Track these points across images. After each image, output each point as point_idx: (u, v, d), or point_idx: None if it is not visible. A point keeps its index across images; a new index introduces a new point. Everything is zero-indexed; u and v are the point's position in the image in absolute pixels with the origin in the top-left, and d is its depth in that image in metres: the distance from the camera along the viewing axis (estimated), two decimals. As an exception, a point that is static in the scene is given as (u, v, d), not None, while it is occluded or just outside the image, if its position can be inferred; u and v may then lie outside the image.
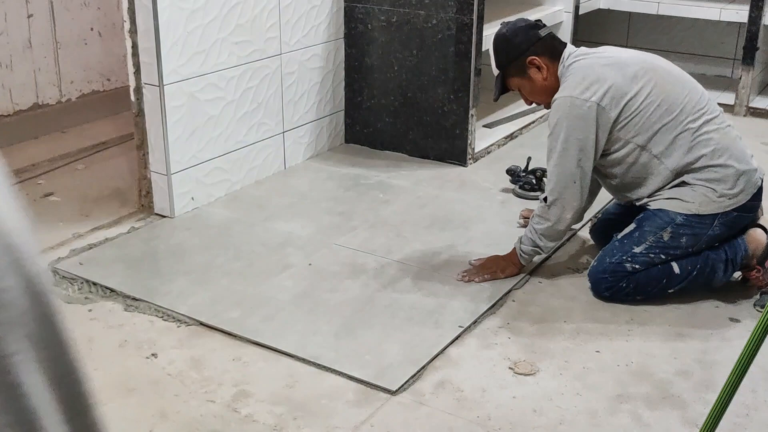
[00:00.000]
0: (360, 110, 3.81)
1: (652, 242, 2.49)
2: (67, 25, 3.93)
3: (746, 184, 2.48)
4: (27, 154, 3.69)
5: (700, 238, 2.49)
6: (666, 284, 2.53)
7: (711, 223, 2.48)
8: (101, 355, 2.28)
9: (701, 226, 2.48)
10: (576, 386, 2.18)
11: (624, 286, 2.52)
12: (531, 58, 2.55)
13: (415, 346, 2.33)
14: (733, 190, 2.46)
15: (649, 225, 2.50)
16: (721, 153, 2.47)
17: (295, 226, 3.05)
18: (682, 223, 2.47)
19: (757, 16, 4.24)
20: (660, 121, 2.46)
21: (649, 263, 2.50)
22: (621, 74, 2.47)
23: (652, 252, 2.49)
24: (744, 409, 2.08)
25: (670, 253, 2.49)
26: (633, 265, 2.50)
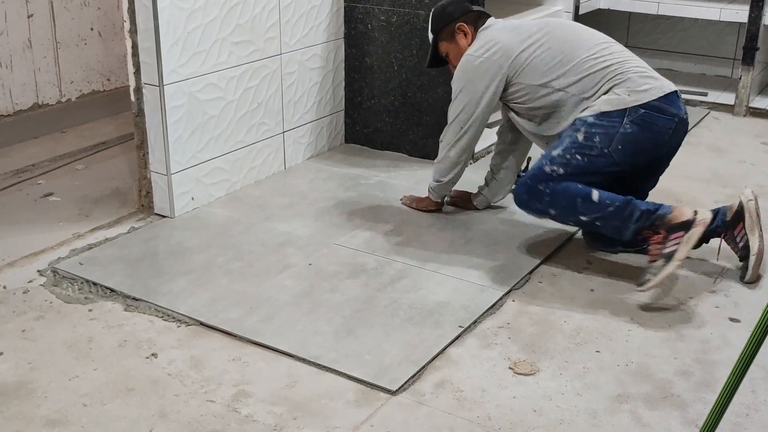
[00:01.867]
0: (360, 110, 3.80)
1: (567, 144, 2.63)
2: (67, 25, 3.93)
3: (651, 86, 2.63)
4: (27, 154, 3.69)
5: (613, 136, 2.60)
6: (581, 206, 2.62)
7: (620, 120, 2.60)
8: (101, 355, 2.28)
9: (611, 124, 2.60)
10: (576, 386, 2.18)
11: (541, 190, 2.65)
12: (460, 24, 2.90)
13: (415, 346, 2.33)
14: (636, 89, 2.62)
15: (566, 132, 2.68)
16: (621, 70, 2.67)
17: (295, 226, 3.05)
18: (592, 122, 2.62)
19: (757, 16, 4.24)
20: (553, 59, 2.72)
21: (566, 164, 2.62)
22: (514, 35, 2.80)
23: (568, 153, 2.62)
24: (744, 409, 2.08)
25: (586, 153, 2.61)
26: (551, 167, 2.64)
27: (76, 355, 2.28)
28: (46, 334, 2.37)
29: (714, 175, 3.58)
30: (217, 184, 3.24)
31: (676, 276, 2.73)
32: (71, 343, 2.33)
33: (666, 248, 2.54)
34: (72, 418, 2.04)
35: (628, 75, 2.65)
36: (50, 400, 2.10)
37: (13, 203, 3.25)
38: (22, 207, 3.21)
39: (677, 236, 2.54)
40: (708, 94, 4.55)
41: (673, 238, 2.54)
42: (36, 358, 2.27)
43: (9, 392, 2.13)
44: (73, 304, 2.53)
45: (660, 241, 2.57)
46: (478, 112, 2.85)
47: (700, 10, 4.45)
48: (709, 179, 3.52)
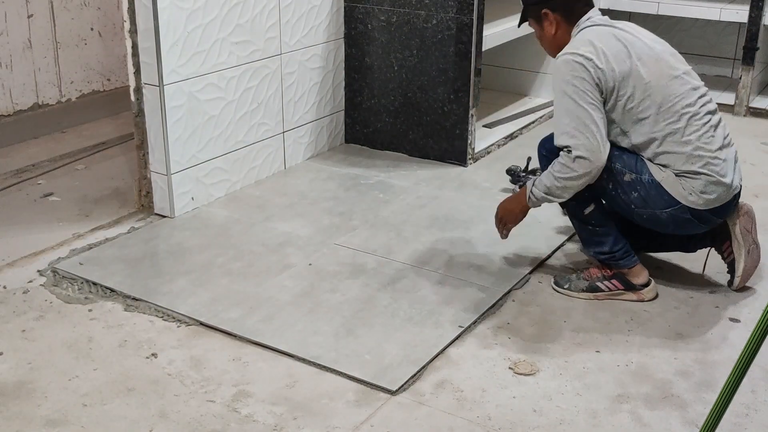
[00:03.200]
0: (360, 110, 3.80)
1: (612, 168, 2.46)
2: (67, 25, 3.93)
3: (716, 196, 2.43)
4: (27, 154, 3.69)
5: (646, 207, 2.47)
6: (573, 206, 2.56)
7: (665, 205, 2.45)
8: (101, 355, 2.28)
9: (657, 199, 2.45)
10: (576, 386, 2.18)
11: None
12: (544, 11, 2.54)
13: (415, 346, 2.33)
14: (701, 193, 2.42)
15: (626, 159, 2.47)
16: (701, 162, 2.42)
17: (295, 226, 3.05)
18: (644, 182, 2.45)
19: (757, 16, 4.24)
20: (645, 112, 2.42)
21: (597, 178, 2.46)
22: (624, 49, 2.43)
23: (605, 172, 2.45)
24: (744, 409, 2.08)
25: (614, 192, 2.49)
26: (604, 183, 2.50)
27: (76, 355, 2.28)
28: (46, 334, 2.37)
29: (714, 175, 3.57)
30: (217, 184, 3.24)
31: (675, 277, 2.73)
32: (71, 343, 2.33)
33: (599, 282, 2.60)
34: (72, 418, 2.04)
35: (704, 169, 2.41)
36: (50, 400, 2.10)
37: (13, 203, 3.25)
38: (22, 207, 3.21)
39: (616, 286, 2.59)
40: (708, 94, 4.54)
41: (613, 283, 2.59)
42: (36, 358, 2.27)
43: (9, 392, 2.13)
44: (73, 304, 2.53)
45: (603, 274, 2.60)
46: (597, 109, 2.43)
47: (700, 10, 4.45)
48: (709, 179, 3.52)
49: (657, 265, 2.80)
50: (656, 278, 2.71)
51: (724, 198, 2.45)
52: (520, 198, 2.60)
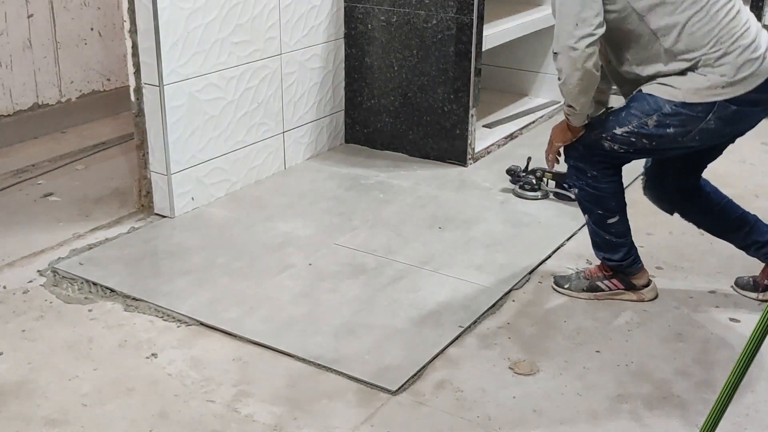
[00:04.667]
0: (360, 110, 3.80)
1: (635, 126, 2.31)
2: (67, 25, 3.93)
3: (752, 72, 2.21)
4: (27, 154, 3.69)
5: (692, 129, 2.27)
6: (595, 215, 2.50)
7: (705, 115, 2.24)
8: (101, 355, 2.28)
9: (693, 116, 2.25)
10: (576, 386, 2.18)
11: (585, 169, 2.44)
12: None
13: (415, 346, 2.33)
14: (733, 77, 2.21)
15: (636, 108, 2.32)
16: (724, 39, 2.22)
17: (295, 226, 3.05)
18: (669, 112, 2.26)
19: (756, 16, 4.24)
20: None
21: (628, 145, 2.35)
22: None
23: (633, 136, 2.33)
24: (744, 409, 2.08)
25: (655, 139, 2.31)
26: (612, 144, 2.37)
27: (76, 355, 2.28)
28: (46, 334, 2.37)
29: (714, 175, 3.57)
30: (217, 184, 3.24)
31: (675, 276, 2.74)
32: (71, 343, 2.33)
33: (600, 281, 2.60)
34: (72, 418, 2.04)
35: (731, 48, 2.21)
36: (50, 400, 2.10)
37: (13, 203, 3.25)
38: (22, 207, 3.21)
39: (617, 285, 2.59)
40: (708, 94, 4.54)
41: (613, 283, 2.59)
42: (36, 358, 2.27)
43: (9, 392, 2.13)
44: (73, 304, 2.53)
45: (604, 273, 2.59)
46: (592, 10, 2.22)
47: (700, 10, 4.44)
48: (709, 179, 3.51)
49: (657, 265, 2.80)
50: (656, 278, 2.71)
51: (761, 73, 2.23)
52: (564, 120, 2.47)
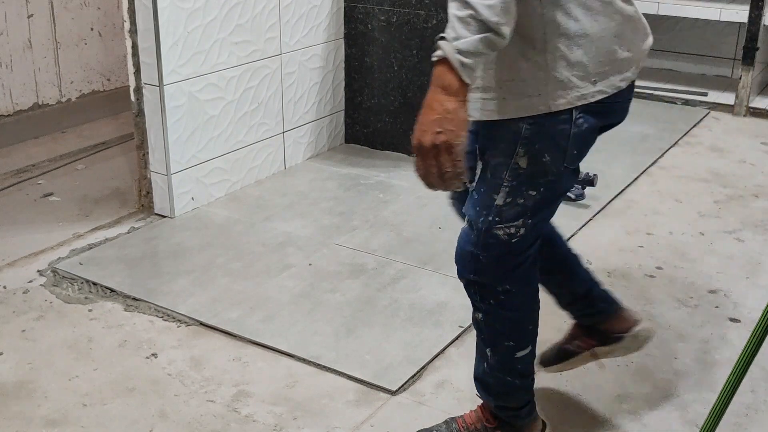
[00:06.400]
0: (360, 110, 3.80)
1: (509, 179, 1.60)
2: (67, 25, 3.93)
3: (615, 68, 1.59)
4: (27, 154, 3.69)
5: (565, 145, 1.59)
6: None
7: (569, 117, 1.57)
8: (101, 355, 2.28)
9: (558, 127, 1.58)
10: (576, 386, 2.18)
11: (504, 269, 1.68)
12: None
13: (415, 346, 2.33)
14: (595, 70, 1.56)
15: (493, 153, 1.61)
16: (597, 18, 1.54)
17: (295, 226, 3.05)
18: (531, 135, 1.57)
19: (757, 16, 4.24)
20: None
21: (521, 213, 1.63)
22: None
23: (515, 195, 1.60)
24: (744, 409, 2.08)
25: (540, 182, 1.60)
26: (506, 227, 1.62)
27: (76, 355, 2.28)
28: (46, 334, 2.37)
29: (714, 175, 3.58)
30: (217, 184, 3.24)
31: (675, 277, 2.74)
32: (71, 343, 2.33)
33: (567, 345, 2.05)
34: (72, 418, 2.04)
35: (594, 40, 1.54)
36: (50, 400, 2.10)
37: (13, 203, 3.25)
38: (22, 207, 3.21)
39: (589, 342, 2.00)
40: (708, 94, 4.55)
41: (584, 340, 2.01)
42: (36, 358, 2.27)
43: (9, 392, 2.13)
44: (73, 304, 2.53)
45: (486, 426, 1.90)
46: None
47: (700, 10, 4.45)
48: (709, 179, 3.52)
49: (657, 265, 2.80)
50: (656, 278, 2.71)
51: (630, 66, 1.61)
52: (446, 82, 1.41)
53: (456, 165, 1.44)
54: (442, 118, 1.41)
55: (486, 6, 1.36)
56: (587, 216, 3.14)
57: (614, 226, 3.09)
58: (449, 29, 1.40)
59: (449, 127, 1.41)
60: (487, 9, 1.36)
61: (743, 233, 3.04)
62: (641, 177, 3.54)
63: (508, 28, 1.40)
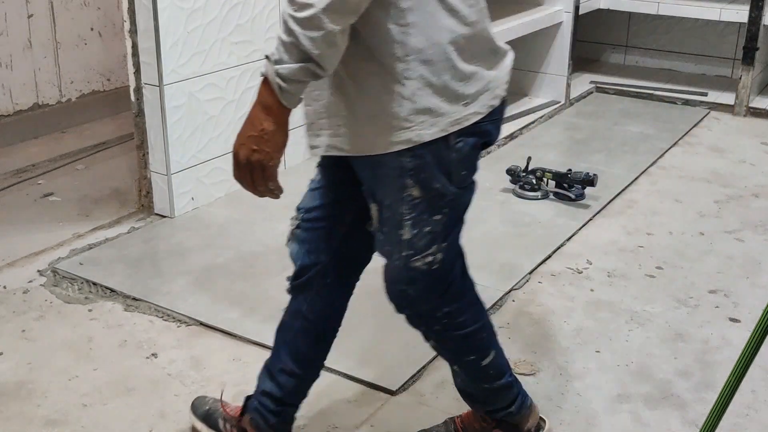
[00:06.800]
0: (360, 110, 3.80)
1: (408, 211, 1.56)
2: (67, 25, 3.93)
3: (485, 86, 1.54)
4: (27, 154, 3.69)
5: (449, 168, 1.55)
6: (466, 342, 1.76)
7: (447, 144, 1.52)
8: (101, 355, 2.28)
9: (438, 154, 1.52)
10: (576, 386, 2.18)
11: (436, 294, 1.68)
12: None
13: (415, 346, 2.33)
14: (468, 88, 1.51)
15: (384, 192, 1.57)
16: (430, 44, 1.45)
17: (295, 226, 3.04)
18: (413, 167, 1.51)
19: (757, 16, 4.24)
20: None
21: (432, 240, 1.59)
22: None
23: (424, 224, 1.57)
24: (744, 409, 2.08)
25: (441, 205, 1.57)
26: (423, 258, 1.60)
27: (76, 355, 2.28)
28: (46, 334, 2.37)
29: (714, 175, 3.58)
30: (217, 184, 3.24)
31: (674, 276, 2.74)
32: (71, 343, 2.33)
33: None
34: (72, 418, 2.04)
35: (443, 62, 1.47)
36: (50, 400, 2.10)
37: (13, 203, 3.25)
38: (22, 207, 3.21)
39: None
40: (708, 94, 4.55)
41: None
42: (36, 358, 2.27)
43: (9, 392, 2.13)
44: (73, 304, 2.53)
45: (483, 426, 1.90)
46: None
47: (700, 10, 4.45)
48: (709, 179, 3.52)
49: (657, 265, 2.80)
50: (656, 278, 2.71)
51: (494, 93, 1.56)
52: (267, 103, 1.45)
53: (268, 184, 1.48)
54: (259, 137, 1.44)
55: (308, 37, 1.34)
56: (587, 216, 3.14)
57: (614, 226, 3.09)
58: (275, 50, 1.39)
59: (265, 148, 1.44)
60: (309, 40, 1.34)
61: (743, 233, 3.04)
62: (641, 177, 3.54)
63: (332, 60, 1.38)
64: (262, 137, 1.44)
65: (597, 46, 5.18)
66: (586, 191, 3.27)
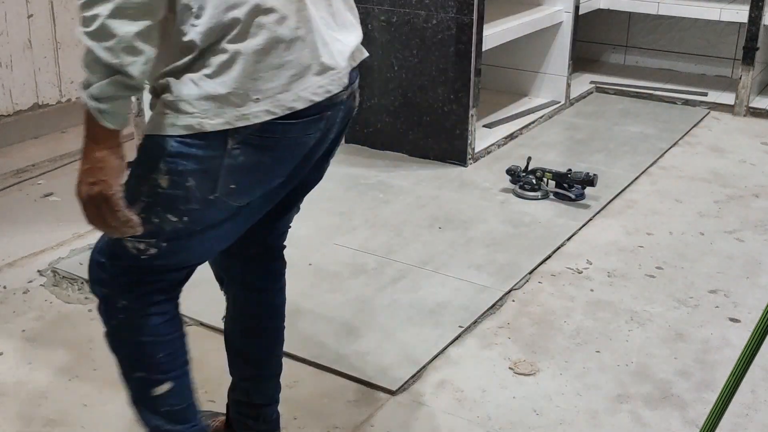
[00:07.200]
0: (360, 110, 3.79)
1: (146, 194, 1.45)
2: (67, 25, 3.93)
3: (294, 80, 1.42)
4: (27, 154, 3.69)
5: (216, 174, 1.42)
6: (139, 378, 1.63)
7: (223, 147, 1.40)
8: (101, 355, 2.28)
9: (209, 154, 1.41)
10: (576, 386, 2.18)
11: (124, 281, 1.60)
12: None
13: (415, 346, 2.33)
14: (253, 89, 1.38)
15: (137, 162, 1.48)
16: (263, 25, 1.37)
17: (294, 226, 3.04)
18: (178, 152, 1.40)
19: (757, 16, 4.24)
20: None
21: (151, 242, 1.50)
22: None
23: (154, 214, 1.46)
24: (744, 409, 2.08)
25: (181, 209, 1.45)
26: (136, 241, 1.51)
27: (76, 355, 2.28)
28: (46, 334, 2.37)
29: (714, 175, 3.58)
30: (217, 184, 3.23)
31: (674, 276, 2.74)
32: (71, 343, 2.33)
33: None
34: (72, 418, 2.04)
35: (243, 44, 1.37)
36: (50, 400, 2.10)
37: (13, 203, 3.25)
38: (22, 207, 3.21)
39: None
40: (708, 94, 4.55)
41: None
42: (36, 358, 2.27)
43: (9, 392, 2.13)
44: (73, 304, 2.53)
45: None
46: None
47: (700, 10, 4.45)
48: (709, 179, 3.52)
49: (657, 265, 2.80)
50: (656, 278, 2.71)
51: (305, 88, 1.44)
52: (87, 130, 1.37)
53: (117, 215, 1.40)
54: (93, 167, 1.36)
55: (104, 48, 1.27)
56: (587, 216, 3.15)
57: (614, 226, 3.09)
58: (84, 77, 1.33)
59: (101, 177, 1.36)
60: (105, 51, 1.27)
61: (743, 233, 3.04)
62: (641, 177, 3.54)
63: (138, 67, 1.30)
64: (96, 167, 1.36)
65: (597, 46, 5.18)
66: (586, 191, 3.27)
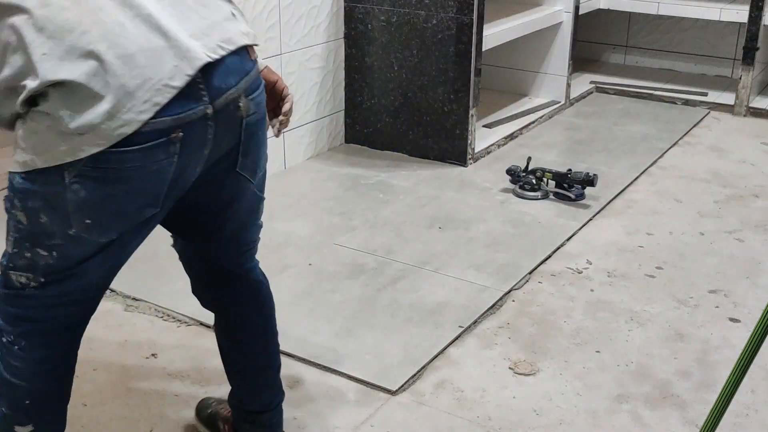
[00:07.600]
0: (360, 110, 3.80)
1: (13, 230, 1.42)
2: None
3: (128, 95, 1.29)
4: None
5: (64, 209, 1.36)
6: None
7: (60, 180, 1.33)
8: (101, 355, 2.28)
9: (48, 189, 1.35)
10: (576, 386, 2.18)
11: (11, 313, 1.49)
12: None
13: (415, 346, 2.33)
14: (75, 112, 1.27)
15: (6, 195, 1.41)
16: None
17: (295, 226, 3.05)
18: (23, 189, 1.36)
19: (757, 16, 4.24)
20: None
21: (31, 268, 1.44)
22: None
23: (24, 249, 1.42)
24: (744, 409, 2.08)
25: (46, 244, 1.40)
26: (18, 275, 1.45)
27: (76, 355, 2.28)
28: (46, 334, 2.37)
29: (714, 175, 3.58)
30: (217, 184, 3.24)
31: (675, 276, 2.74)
32: (71, 343, 2.33)
33: None
34: (72, 418, 2.03)
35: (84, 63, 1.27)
36: (50, 400, 2.10)
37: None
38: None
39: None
40: (708, 94, 4.55)
41: None
42: (36, 358, 2.27)
43: (9, 392, 2.13)
44: (73, 304, 2.53)
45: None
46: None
47: (700, 10, 4.45)
48: (709, 179, 3.52)
49: (657, 265, 2.80)
50: (656, 278, 2.71)
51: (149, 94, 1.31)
52: None
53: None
54: None
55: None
56: (587, 216, 3.15)
57: (614, 226, 3.09)
58: None
59: None
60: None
61: (743, 233, 3.04)
62: (641, 177, 3.54)
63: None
64: None
65: (597, 46, 5.18)
66: (586, 191, 3.28)
